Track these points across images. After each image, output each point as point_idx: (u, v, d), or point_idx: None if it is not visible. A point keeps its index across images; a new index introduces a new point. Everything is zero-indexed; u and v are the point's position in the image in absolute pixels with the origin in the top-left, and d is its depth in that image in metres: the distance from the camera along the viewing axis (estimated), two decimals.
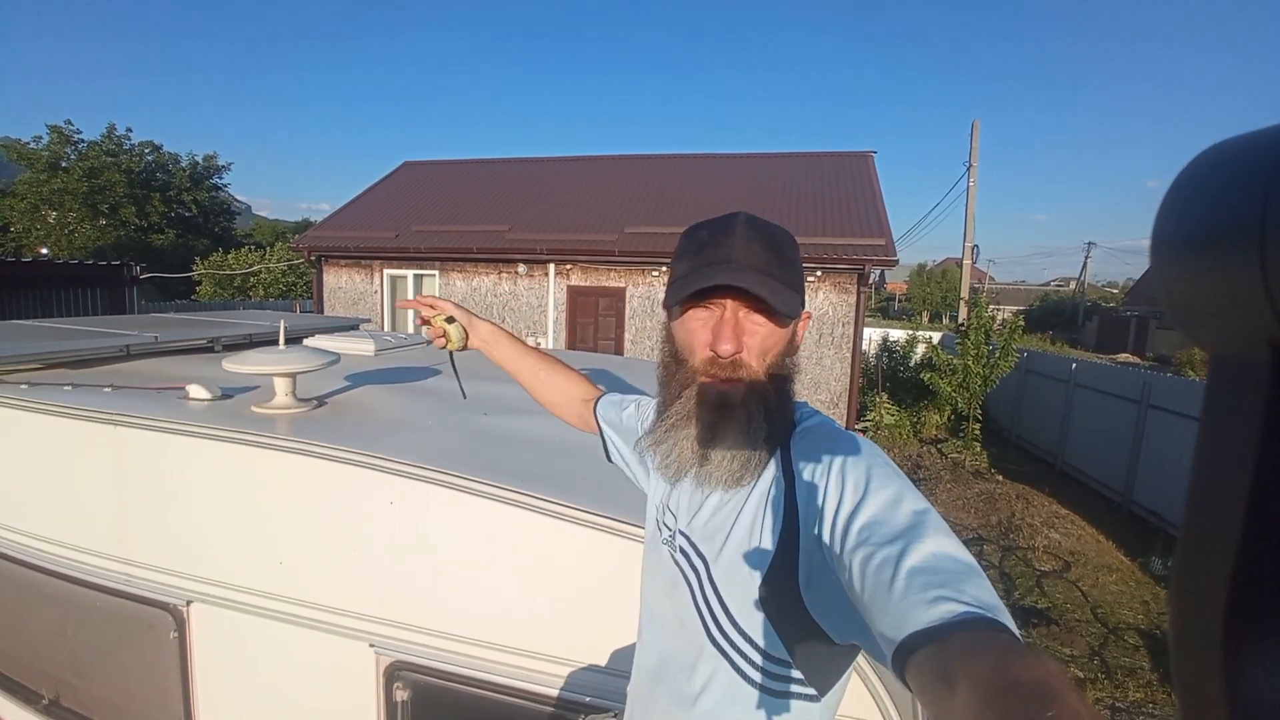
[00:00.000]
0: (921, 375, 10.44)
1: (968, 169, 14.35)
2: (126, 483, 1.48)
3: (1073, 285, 48.50)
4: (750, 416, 0.75)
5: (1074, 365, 9.24)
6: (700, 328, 0.77)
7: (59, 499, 1.57)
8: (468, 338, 1.18)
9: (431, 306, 1.16)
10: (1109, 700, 3.90)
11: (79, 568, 1.53)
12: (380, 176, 13.88)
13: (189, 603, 1.44)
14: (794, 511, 0.70)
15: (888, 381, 11.77)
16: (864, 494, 0.64)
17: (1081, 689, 3.89)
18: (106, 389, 1.66)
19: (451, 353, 1.21)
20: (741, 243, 0.76)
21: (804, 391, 0.97)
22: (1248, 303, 0.22)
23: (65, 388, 1.65)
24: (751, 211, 0.80)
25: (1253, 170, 0.23)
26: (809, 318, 0.84)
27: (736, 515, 0.76)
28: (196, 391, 1.64)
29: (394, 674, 1.24)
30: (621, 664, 1.11)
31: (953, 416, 10.48)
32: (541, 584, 1.19)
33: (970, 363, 9.38)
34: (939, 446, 9.92)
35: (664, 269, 9.68)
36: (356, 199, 12.78)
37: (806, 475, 0.70)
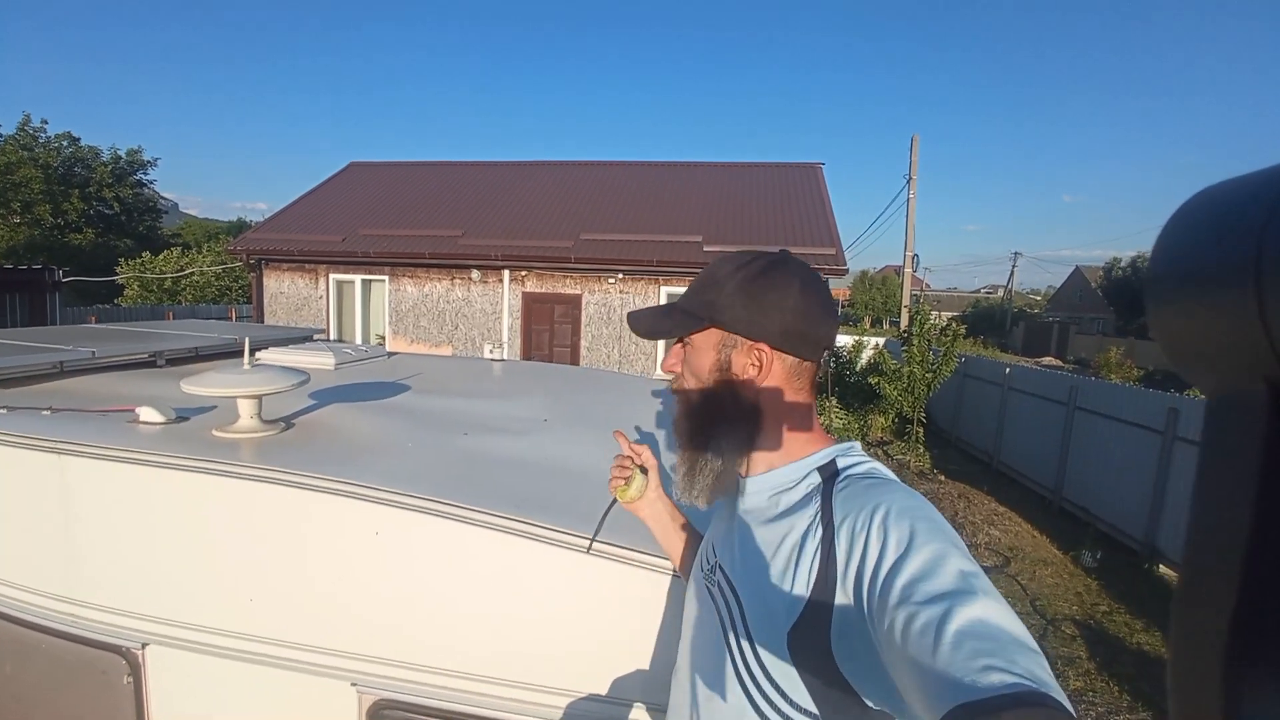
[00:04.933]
0: (870, 380, 10.80)
1: (908, 182, 14.98)
2: (73, 516, 1.37)
3: (1001, 292, 51.21)
4: (680, 431, 0.86)
5: (1008, 370, 9.74)
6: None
7: None
8: (640, 498, 1.04)
9: (639, 454, 1.05)
10: None
11: (22, 607, 1.40)
12: (325, 177, 13.37)
13: (144, 645, 1.34)
14: (832, 560, 0.68)
15: (836, 386, 12.12)
16: (907, 550, 0.61)
17: None
18: (45, 411, 1.53)
19: (614, 501, 1.06)
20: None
21: None
22: (1245, 340, 0.22)
23: None
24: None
25: (1247, 210, 0.23)
26: (762, 349, 0.79)
27: (772, 554, 0.75)
28: (148, 414, 1.53)
29: (378, 713, 1.19)
30: (623, 692, 1.10)
31: (897, 419, 10.88)
32: (536, 612, 1.16)
33: (915, 368, 9.77)
34: (885, 449, 10.28)
35: (620, 276, 9.68)
36: (300, 200, 12.27)
37: (847, 525, 0.68)
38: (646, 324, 0.88)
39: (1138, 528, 6.32)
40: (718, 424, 0.82)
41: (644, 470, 1.03)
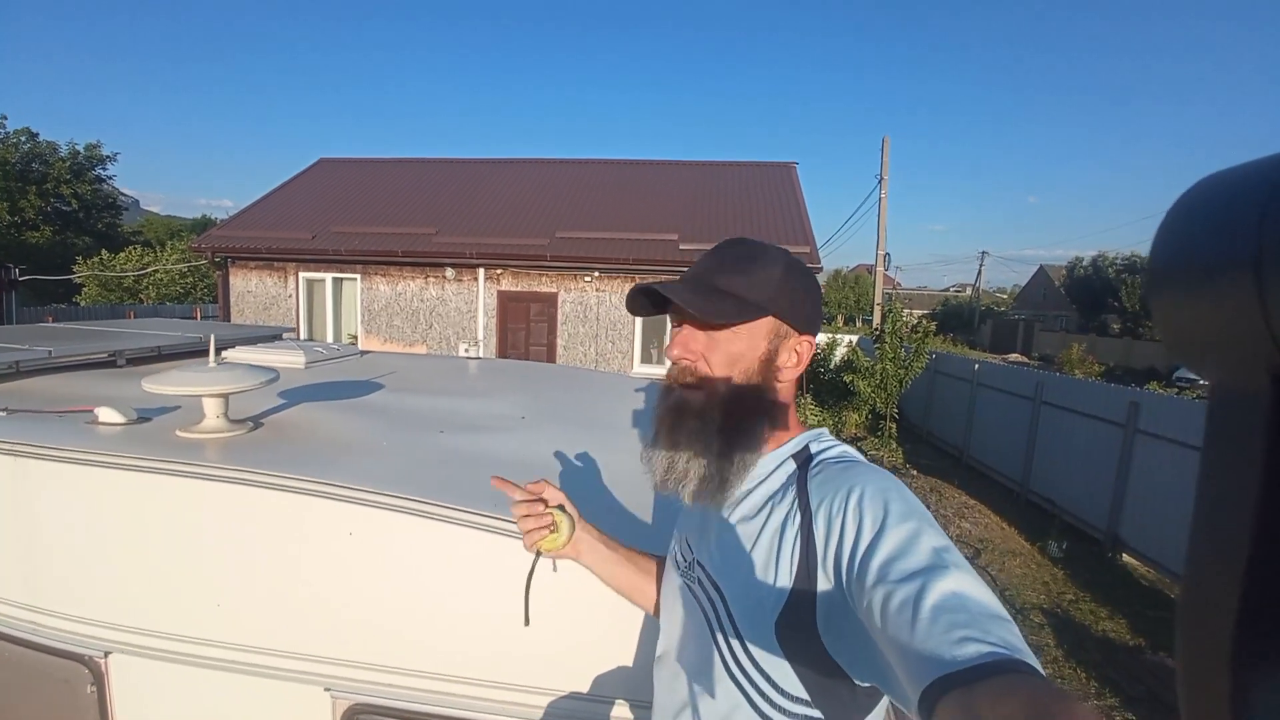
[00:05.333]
0: (844, 377, 10.95)
1: (879, 182, 15.20)
2: (31, 521, 1.31)
3: (969, 291, 52.30)
4: (704, 424, 0.76)
5: (977, 366, 9.96)
6: (671, 339, 0.83)
7: None
8: (571, 537, 0.93)
9: (541, 491, 0.94)
10: None
11: None
12: (293, 174, 13.08)
13: (107, 654, 1.29)
14: (811, 546, 0.69)
15: (810, 383, 12.25)
16: (882, 529, 0.63)
17: None
18: (1, 413, 1.47)
19: (538, 556, 0.95)
20: (708, 257, 0.82)
21: None
22: (1246, 332, 0.22)
23: None
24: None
25: (1248, 200, 0.23)
26: (808, 342, 0.81)
27: (752, 546, 0.75)
28: (108, 415, 1.48)
29: (354, 718, 1.17)
30: (604, 689, 1.10)
31: (870, 416, 11.05)
32: (513, 610, 1.14)
33: (887, 365, 9.93)
34: (859, 445, 10.44)
35: (597, 274, 9.65)
36: (268, 196, 11.98)
37: (824, 509, 0.69)
38: (697, 301, 0.76)
39: (1101, 518, 6.51)
40: (756, 416, 0.78)
41: (561, 508, 0.93)
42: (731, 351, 0.78)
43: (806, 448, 0.79)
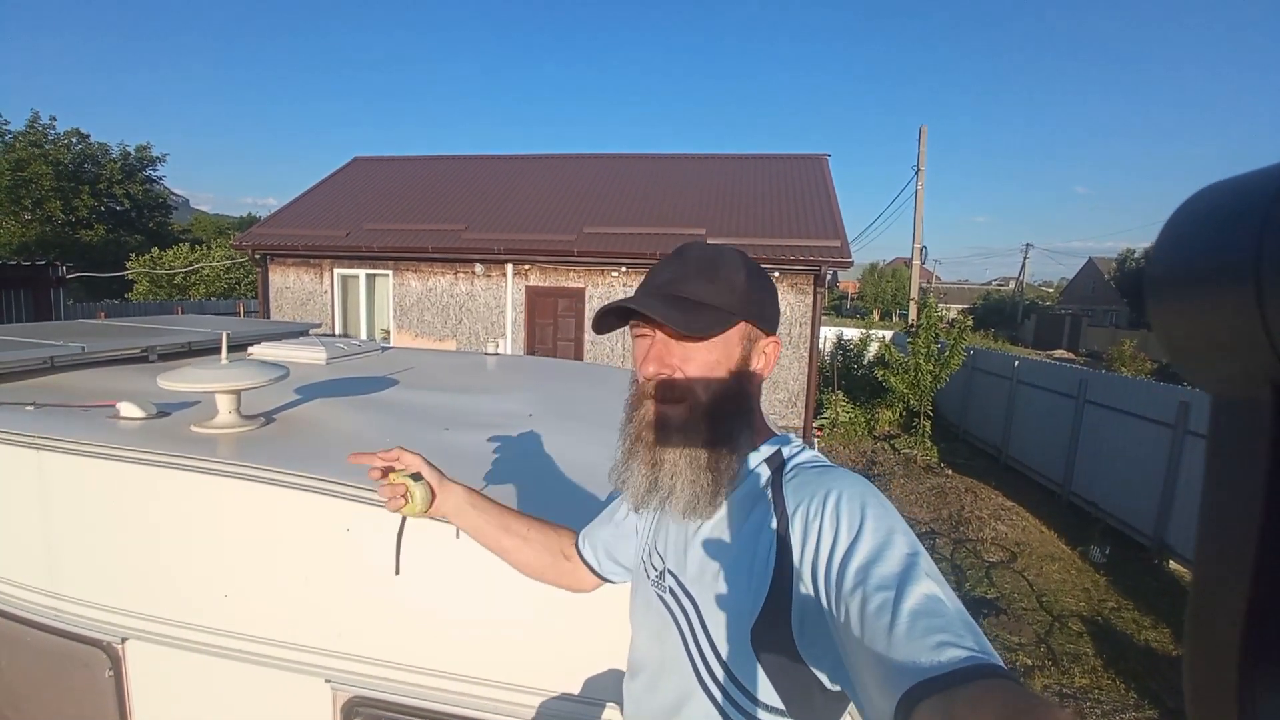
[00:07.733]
0: (876, 373, 10.72)
1: (916, 173, 14.81)
2: (52, 511, 1.36)
3: (1012, 285, 50.63)
4: (689, 438, 0.75)
5: (1016, 363, 9.64)
6: (639, 351, 0.79)
7: None
8: (434, 501, 0.96)
9: (396, 459, 0.95)
10: (1056, 687, 4.06)
11: (6, 600, 1.41)
12: (330, 172, 13.40)
13: (124, 640, 1.33)
14: (788, 551, 0.68)
15: (843, 379, 12.04)
16: (858, 534, 0.63)
17: (1030, 676, 4.05)
18: (28, 407, 1.53)
19: (404, 520, 0.97)
20: (667, 266, 0.79)
21: (763, 392, 0.93)
22: (1246, 342, 0.22)
23: None
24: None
25: (1248, 209, 0.23)
26: (775, 342, 0.81)
27: (726, 553, 0.73)
28: (128, 410, 1.52)
29: (353, 710, 1.18)
30: (595, 692, 1.09)
31: (904, 413, 10.80)
32: (510, 611, 1.14)
33: (921, 361, 9.69)
34: (892, 442, 10.22)
35: (624, 269, 9.65)
36: (305, 195, 12.31)
37: (800, 513, 0.68)
38: (676, 315, 0.73)
39: (1147, 523, 6.24)
40: (738, 423, 0.77)
41: (417, 476, 0.94)
42: (708, 361, 0.76)
43: (779, 452, 0.78)
